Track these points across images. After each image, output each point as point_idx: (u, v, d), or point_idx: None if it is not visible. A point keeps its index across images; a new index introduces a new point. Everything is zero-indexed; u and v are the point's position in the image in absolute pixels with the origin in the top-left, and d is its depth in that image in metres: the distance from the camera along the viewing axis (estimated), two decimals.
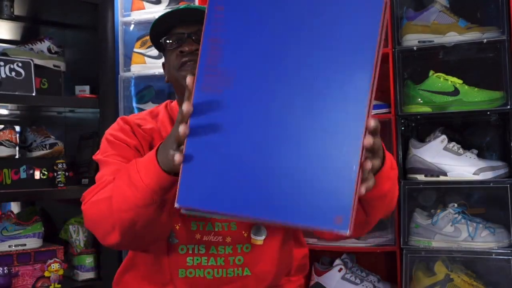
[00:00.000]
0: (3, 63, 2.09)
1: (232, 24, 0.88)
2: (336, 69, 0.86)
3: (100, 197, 1.19)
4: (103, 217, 1.17)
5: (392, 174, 1.16)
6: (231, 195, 0.86)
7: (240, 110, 0.87)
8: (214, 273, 1.36)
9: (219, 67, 0.87)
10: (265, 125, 0.86)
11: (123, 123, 1.42)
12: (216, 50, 0.88)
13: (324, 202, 0.84)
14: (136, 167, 1.09)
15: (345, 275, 2.17)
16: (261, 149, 0.86)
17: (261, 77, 0.87)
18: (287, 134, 0.86)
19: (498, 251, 1.97)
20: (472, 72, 2.20)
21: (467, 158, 2.08)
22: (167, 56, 1.42)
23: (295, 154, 0.85)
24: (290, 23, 0.87)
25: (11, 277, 2.04)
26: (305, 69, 0.86)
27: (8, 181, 2.10)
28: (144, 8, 2.58)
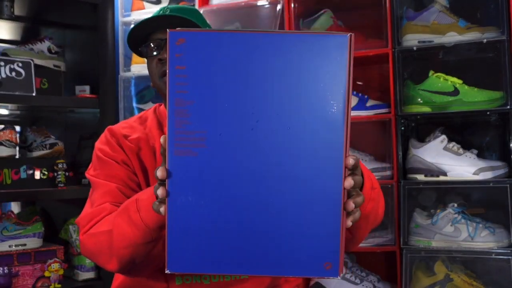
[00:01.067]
0: (3, 63, 2.09)
1: (195, 83, 0.86)
2: (308, 114, 0.86)
3: (100, 230, 1.21)
4: (103, 249, 1.20)
5: (373, 195, 1.17)
6: (219, 256, 0.87)
7: (216, 169, 0.87)
8: (211, 278, 1.35)
9: (189, 129, 0.86)
10: (243, 182, 0.86)
11: (110, 135, 1.41)
12: (183, 111, 0.86)
13: (312, 251, 0.86)
14: (136, 206, 1.12)
15: (345, 275, 2.17)
16: (242, 207, 0.86)
17: (233, 132, 0.86)
18: (265, 188, 0.86)
19: (498, 251, 1.97)
20: (472, 72, 2.21)
21: (467, 158, 2.08)
22: (148, 62, 1.40)
23: (276, 207, 0.86)
24: (256, 76, 0.86)
25: (11, 277, 2.04)
26: (276, 120, 0.86)
27: (8, 181, 2.10)
28: (144, 8, 2.58)
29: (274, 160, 0.86)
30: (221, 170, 0.87)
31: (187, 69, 0.86)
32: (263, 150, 0.86)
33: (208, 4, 2.47)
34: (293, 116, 0.86)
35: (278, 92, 0.86)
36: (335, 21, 2.33)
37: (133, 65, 2.56)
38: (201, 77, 0.86)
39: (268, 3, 2.34)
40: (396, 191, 2.12)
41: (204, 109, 0.86)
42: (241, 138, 0.86)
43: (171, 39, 0.86)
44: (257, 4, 2.37)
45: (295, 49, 0.85)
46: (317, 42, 0.86)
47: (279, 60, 0.86)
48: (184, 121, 0.86)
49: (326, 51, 0.86)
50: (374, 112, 2.23)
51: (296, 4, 2.31)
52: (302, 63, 0.86)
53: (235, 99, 0.86)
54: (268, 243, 0.87)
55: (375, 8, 2.24)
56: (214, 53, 0.86)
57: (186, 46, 0.86)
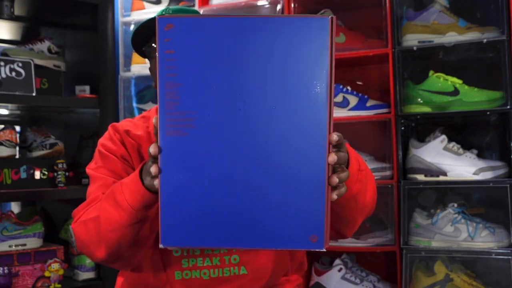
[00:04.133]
0: (4, 63, 2.09)
1: (184, 66, 0.90)
2: (293, 95, 0.90)
3: (88, 217, 1.23)
4: (92, 236, 1.22)
5: (360, 176, 1.18)
6: (210, 230, 0.92)
7: (205, 148, 0.91)
8: (210, 273, 1.36)
9: (178, 109, 0.91)
10: (232, 158, 0.91)
11: (113, 131, 1.42)
12: (173, 93, 0.91)
13: (298, 225, 0.91)
14: (121, 188, 1.15)
15: (345, 275, 2.17)
16: (231, 184, 0.91)
17: (221, 113, 0.90)
18: (253, 166, 0.91)
19: (498, 251, 1.97)
20: (472, 72, 2.21)
21: (467, 158, 2.08)
22: (152, 63, 1.41)
23: (264, 183, 0.91)
24: (242, 59, 0.90)
25: (11, 277, 2.04)
26: (262, 100, 0.90)
27: (8, 181, 2.10)
28: (144, 8, 2.59)
29: (261, 139, 0.90)
30: (210, 149, 0.91)
31: (176, 54, 0.90)
32: (250, 130, 0.90)
33: (208, 4, 2.47)
34: (278, 96, 0.89)
35: (263, 73, 0.89)
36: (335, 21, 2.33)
37: (133, 65, 2.57)
38: (189, 61, 0.90)
39: (268, 3, 2.34)
40: (396, 191, 2.12)
41: (193, 91, 0.90)
42: (229, 119, 0.90)
43: (160, 24, 0.90)
44: (257, 4, 2.37)
45: (279, 32, 0.89)
46: (299, 25, 0.89)
47: (263, 43, 0.89)
48: (175, 103, 0.91)
49: (308, 34, 0.89)
50: (374, 112, 2.23)
51: (296, 4, 2.31)
52: (285, 45, 0.89)
53: (222, 81, 0.90)
54: (256, 218, 0.91)
55: (375, 8, 2.24)
56: (202, 37, 0.90)
57: (174, 31, 0.90)
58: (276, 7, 2.30)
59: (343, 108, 2.28)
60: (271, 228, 0.91)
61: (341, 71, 2.49)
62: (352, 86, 2.34)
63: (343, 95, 2.29)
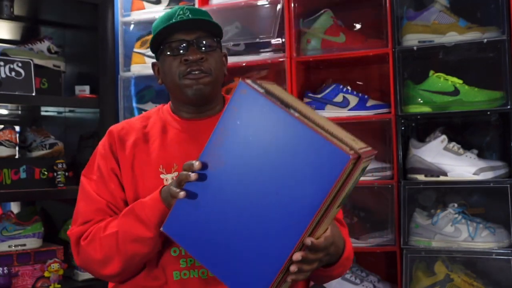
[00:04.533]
0: (3, 63, 2.09)
1: (237, 123, 1.14)
2: (290, 194, 1.09)
3: (104, 234, 1.34)
4: (108, 250, 1.33)
5: (346, 263, 1.39)
6: (200, 245, 1.17)
7: (224, 185, 1.15)
8: (208, 272, 1.36)
9: (219, 151, 1.15)
10: (236, 204, 1.13)
11: (108, 140, 1.49)
12: (222, 136, 1.15)
13: (248, 282, 1.13)
14: (141, 205, 1.31)
15: (345, 275, 2.17)
16: (228, 222, 1.14)
17: (241, 173, 1.13)
18: (247, 216, 1.12)
19: (498, 251, 1.97)
20: (472, 72, 2.20)
21: (467, 158, 2.08)
22: (167, 61, 1.43)
23: (246, 234, 1.13)
24: (272, 147, 1.11)
25: (11, 277, 2.04)
26: (271, 182, 1.11)
27: (8, 181, 2.10)
28: (144, 8, 2.58)
29: (259, 205, 1.11)
30: (227, 187, 1.15)
31: (238, 112, 1.14)
32: (256, 193, 1.12)
33: (208, 4, 2.47)
34: (281, 188, 1.09)
35: (281, 165, 1.10)
36: (335, 21, 2.33)
37: (133, 65, 2.56)
38: (243, 121, 1.14)
39: (268, 3, 2.34)
40: (396, 191, 2.12)
41: (234, 144, 1.14)
42: (243, 179, 1.13)
43: (238, 87, 1.14)
44: (257, 4, 2.37)
45: (307, 141, 1.08)
46: (324, 146, 1.07)
47: (292, 144, 1.09)
48: (220, 144, 1.15)
49: (327, 158, 1.06)
50: (374, 112, 2.23)
51: (296, 4, 2.31)
52: (307, 155, 1.08)
53: (252, 151, 1.13)
54: (231, 258, 1.14)
55: (375, 8, 2.24)
56: (257, 114, 1.13)
57: (245, 97, 1.14)
58: (276, 7, 2.30)
59: (343, 108, 2.28)
60: (234, 271, 1.14)
61: (341, 71, 2.49)
62: (352, 86, 2.34)
63: (343, 95, 2.29)
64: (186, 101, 1.45)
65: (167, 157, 1.42)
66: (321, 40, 2.30)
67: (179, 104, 1.48)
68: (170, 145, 1.44)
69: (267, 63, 2.33)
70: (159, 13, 2.53)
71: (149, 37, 2.55)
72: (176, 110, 1.50)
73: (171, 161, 1.41)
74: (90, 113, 2.42)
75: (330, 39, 2.30)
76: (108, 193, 1.43)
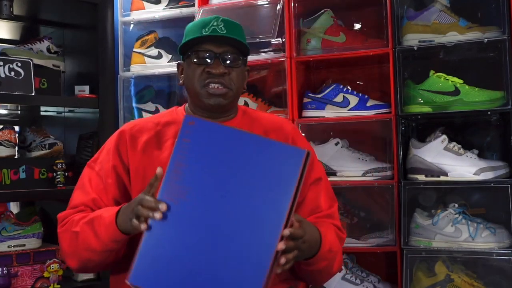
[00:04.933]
0: (3, 63, 2.09)
1: (193, 155, 1.19)
2: (259, 203, 1.15)
3: (71, 230, 1.44)
4: (69, 247, 1.46)
5: (329, 256, 1.43)
6: (176, 284, 1.15)
7: (191, 217, 1.16)
8: None
9: (178, 183, 1.18)
10: (207, 233, 1.15)
11: (117, 139, 1.56)
12: (178, 170, 1.18)
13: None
14: (99, 221, 1.38)
15: (345, 275, 2.16)
16: (200, 252, 1.15)
17: (207, 196, 1.17)
18: (216, 242, 1.14)
19: (499, 252, 1.97)
20: (472, 72, 2.20)
21: (468, 158, 2.07)
22: (192, 67, 1.51)
23: (219, 260, 1.14)
24: (233, 163, 1.18)
25: (10, 278, 2.03)
26: (239, 195, 1.16)
27: (7, 181, 2.09)
28: (144, 8, 2.58)
29: (229, 222, 1.15)
30: (191, 220, 1.16)
31: (190, 143, 1.20)
32: (224, 214, 1.15)
33: (208, 4, 2.46)
34: (249, 200, 1.15)
35: (246, 177, 1.17)
36: (335, 21, 2.33)
37: (132, 65, 2.56)
38: (197, 152, 1.19)
39: (268, 3, 2.34)
40: (396, 191, 2.12)
41: (192, 174, 1.18)
42: (211, 202, 1.16)
43: (185, 120, 1.21)
44: (257, 4, 2.36)
45: (265, 150, 1.17)
46: (280, 150, 1.17)
47: (251, 156, 1.17)
48: (177, 178, 1.18)
49: (285, 159, 1.16)
50: (375, 112, 2.22)
51: (296, 4, 2.31)
52: (268, 162, 1.16)
53: (214, 174, 1.18)
54: (209, 281, 1.14)
55: (376, 8, 2.24)
56: (211, 138, 1.20)
57: (194, 128, 1.21)
58: (276, 7, 2.30)
59: (343, 108, 2.27)
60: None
61: (341, 71, 2.49)
62: (352, 86, 2.34)
63: (343, 95, 2.28)
64: (203, 108, 1.54)
65: None
66: (321, 40, 2.30)
67: (196, 108, 1.56)
68: None
69: (267, 63, 2.33)
70: (159, 13, 2.54)
71: (148, 36, 2.54)
72: (192, 112, 1.58)
73: None
74: (89, 113, 2.42)
75: (330, 39, 2.29)
76: (102, 187, 1.51)
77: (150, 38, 2.54)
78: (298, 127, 2.24)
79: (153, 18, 2.56)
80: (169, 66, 2.49)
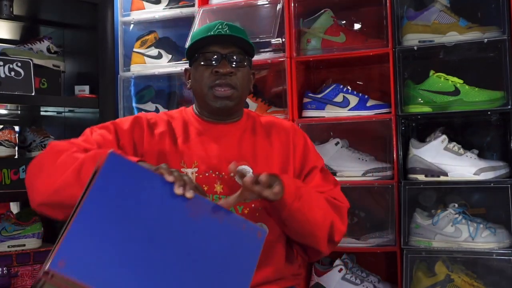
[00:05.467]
0: (3, 63, 2.08)
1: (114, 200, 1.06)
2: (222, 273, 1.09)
3: (69, 153, 1.36)
4: (50, 167, 1.36)
5: (300, 192, 1.40)
6: None
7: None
8: None
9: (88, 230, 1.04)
10: None
11: (132, 123, 1.55)
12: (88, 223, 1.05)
13: None
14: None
15: (345, 275, 2.16)
16: None
17: None
18: None
19: (499, 252, 1.97)
20: (472, 72, 2.20)
21: (468, 158, 2.07)
22: (199, 70, 1.55)
23: None
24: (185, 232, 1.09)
25: (10, 278, 2.03)
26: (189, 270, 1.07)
27: (7, 181, 2.09)
28: (144, 8, 2.58)
29: None
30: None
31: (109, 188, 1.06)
32: None
33: (208, 4, 2.46)
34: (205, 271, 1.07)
35: (196, 251, 1.08)
36: (335, 21, 2.33)
37: (132, 65, 2.56)
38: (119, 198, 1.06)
39: (268, 3, 2.34)
40: (396, 191, 2.12)
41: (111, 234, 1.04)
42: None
43: (109, 157, 1.07)
44: (257, 4, 2.36)
45: (223, 221, 1.12)
46: (240, 229, 1.13)
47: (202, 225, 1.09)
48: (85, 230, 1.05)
49: (246, 238, 1.12)
50: (375, 112, 2.22)
51: (296, 4, 2.30)
52: (226, 236, 1.11)
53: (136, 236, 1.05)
54: None
55: (376, 8, 2.24)
56: (135, 185, 1.08)
57: (116, 169, 1.08)
58: (276, 7, 2.30)
59: (343, 108, 2.27)
60: None
61: (341, 71, 2.49)
62: (352, 86, 2.34)
63: (343, 95, 2.28)
64: (210, 110, 1.58)
65: (189, 154, 1.54)
66: (321, 40, 2.30)
67: (202, 111, 1.61)
68: (193, 143, 1.56)
69: (267, 63, 2.33)
70: (159, 13, 2.54)
71: (148, 36, 2.54)
72: (199, 113, 1.62)
73: (192, 158, 1.53)
74: (89, 113, 2.42)
75: (330, 39, 2.29)
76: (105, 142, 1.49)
77: (150, 38, 2.54)
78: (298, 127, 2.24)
79: (153, 18, 2.56)
80: (169, 66, 2.49)
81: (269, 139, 1.60)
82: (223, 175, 1.51)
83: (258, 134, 1.61)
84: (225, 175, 1.51)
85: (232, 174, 1.45)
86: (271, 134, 1.62)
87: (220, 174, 1.51)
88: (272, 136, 1.61)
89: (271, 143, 1.60)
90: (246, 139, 1.59)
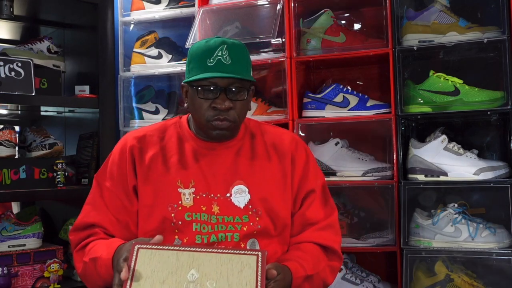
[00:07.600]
0: (3, 63, 2.09)
1: None
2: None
3: (83, 259, 1.51)
4: (81, 270, 1.53)
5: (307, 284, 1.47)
6: None
7: None
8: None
9: None
10: None
11: (120, 151, 1.58)
12: None
13: None
14: (101, 263, 1.44)
15: (345, 275, 2.16)
16: None
17: None
18: None
19: (499, 251, 1.97)
20: (472, 72, 2.20)
21: (468, 158, 2.07)
22: (197, 99, 1.50)
23: None
24: None
25: (10, 277, 2.03)
26: None
27: (7, 181, 2.09)
28: (144, 8, 2.58)
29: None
30: None
31: None
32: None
33: (208, 4, 2.46)
34: None
35: None
36: (335, 21, 2.33)
37: (132, 65, 2.56)
38: None
39: (268, 3, 2.34)
40: (396, 191, 2.12)
41: None
42: None
43: None
44: (257, 4, 2.36)
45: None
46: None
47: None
48: None
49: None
50: (374, 112, 2.23)
51: (296, 4, 2.31)
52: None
53: None
54: None
55: (376, 8, 2.24)
56: None
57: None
58: (276, 7, 2.30)
59: (343, 108, 2.27)
60: None
61: (341, 71, 2.49)
62: (352, 86, 2.34)
63: (343, 95, 2.28)
64: (207, 135, 1.55)
65: (185, 174, 1.52)
66: (321, 40, 2.30)
67: (199, 131, 1.58)
68: (188, 162, 1.54)
69: (267, 63, 2.33)
70: (159, 13, 2.54)
71: (149, 36, 2.55)
72: (195, 132, 1.59)
73: (188, 178, 1.52)
74: (89, 113, 2.42)
75: (330, 39, 2.29)
76: (119, 204, 1.54)
77: (150, 38, 2.54)
78: (298, 127, 2.25)
79: (153, 18, 2.56)
80: (169, 66, 2.49)
81: (268, 159, 1.58)
82: (218, 197, 1.51)
83: (256, 153, 1.59)
84: (221, 197, 1.51)
85: (228, 195, 1.49)
86: (270, 154, 1.59)
87: (216, 196, 1.51)
88: (271, 157, 1.59)
89: (270, 162, 1.58)
90: (243, 158, 1.57)
